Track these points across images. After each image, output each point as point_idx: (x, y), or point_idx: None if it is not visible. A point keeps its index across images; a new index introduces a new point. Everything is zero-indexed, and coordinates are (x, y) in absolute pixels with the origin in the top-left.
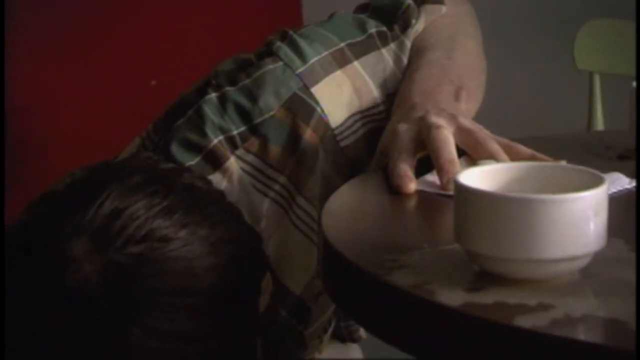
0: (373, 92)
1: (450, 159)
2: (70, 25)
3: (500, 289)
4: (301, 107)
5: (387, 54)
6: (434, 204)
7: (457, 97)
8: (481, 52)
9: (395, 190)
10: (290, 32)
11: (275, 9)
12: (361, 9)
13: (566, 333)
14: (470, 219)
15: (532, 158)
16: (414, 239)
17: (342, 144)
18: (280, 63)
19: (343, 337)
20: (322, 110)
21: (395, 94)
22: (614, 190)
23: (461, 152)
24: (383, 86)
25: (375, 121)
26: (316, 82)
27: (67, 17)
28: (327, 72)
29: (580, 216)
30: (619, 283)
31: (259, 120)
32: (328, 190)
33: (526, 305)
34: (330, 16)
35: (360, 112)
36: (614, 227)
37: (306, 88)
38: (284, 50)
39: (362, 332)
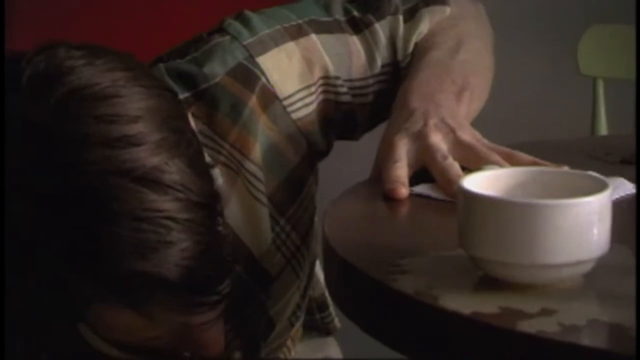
0: (328, 67)
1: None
2: (70, 24)
3: (504, 294)
4: (246, 76)
5: (358, 42)
6: (438, 210)
7: (459, 98)
8: (488, 51)
9: (388, 197)
10: (246, 11)
11: None
12: None
13: (570, 338)
14: (474, 224)
15: (533, 165)
16: (417, 245)
17: (294, 115)
18: (228, 36)
19: (319, 328)
20: (268, 80)
21: (357, 80)
22: (618, 195)
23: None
24: (344, 69)
25: (326, 92)
26: (263, 52)
27: (67, 16)
28: (277, 44)
29: (584, 221)
30: (622, 288)
31: (204, 86)
32: (280, 160)
33: (530, 310)
34: None
35: (314, 84)
36: (617, 232)
37: (252, 58)
38: (234, 25)
39: (337, 322)
